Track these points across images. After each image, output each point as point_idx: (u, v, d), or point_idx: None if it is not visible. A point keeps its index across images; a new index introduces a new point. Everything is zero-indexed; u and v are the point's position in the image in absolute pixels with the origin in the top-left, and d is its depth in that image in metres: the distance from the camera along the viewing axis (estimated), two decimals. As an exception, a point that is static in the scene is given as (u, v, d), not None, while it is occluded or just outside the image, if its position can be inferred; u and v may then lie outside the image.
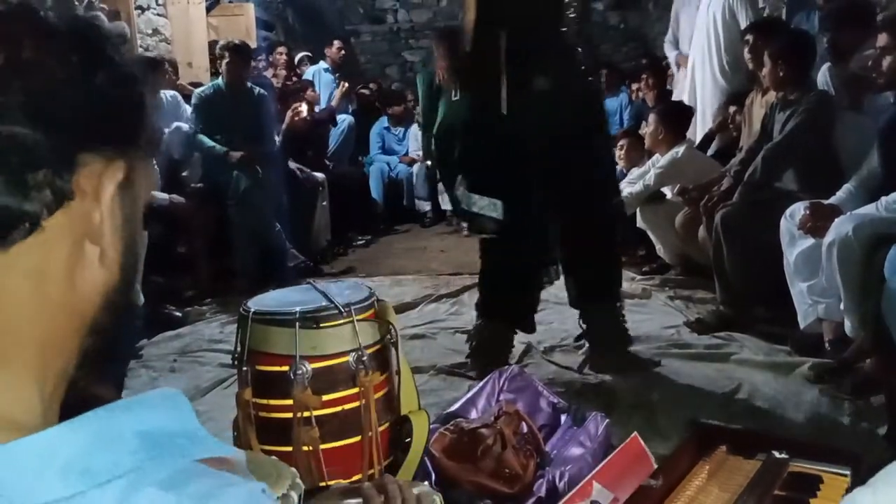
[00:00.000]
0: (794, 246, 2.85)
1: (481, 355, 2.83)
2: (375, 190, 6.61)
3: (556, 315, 3.58)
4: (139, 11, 5.61)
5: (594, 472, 1.33)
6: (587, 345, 2.94)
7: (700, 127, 4.60)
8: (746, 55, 3.81)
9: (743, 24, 4.30)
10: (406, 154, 6.89)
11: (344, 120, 6.44)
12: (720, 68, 4.53)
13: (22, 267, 0.45)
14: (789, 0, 4.64)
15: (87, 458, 0.40)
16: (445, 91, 3.69)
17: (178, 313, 3.81)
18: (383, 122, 7.03)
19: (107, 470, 0.40)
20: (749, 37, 3.78)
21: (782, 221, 2.90)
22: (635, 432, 1.48)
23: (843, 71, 3.43)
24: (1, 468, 0.39)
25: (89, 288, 0.48)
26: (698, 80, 4.68)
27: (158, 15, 5.93)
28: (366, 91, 7.26)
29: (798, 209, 2.84)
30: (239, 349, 1.72)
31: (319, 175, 5.33)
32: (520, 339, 3.26)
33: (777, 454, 1.44)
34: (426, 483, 1.58)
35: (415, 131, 6.82)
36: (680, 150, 4.10)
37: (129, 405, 0.44)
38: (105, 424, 0.42)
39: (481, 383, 2.23)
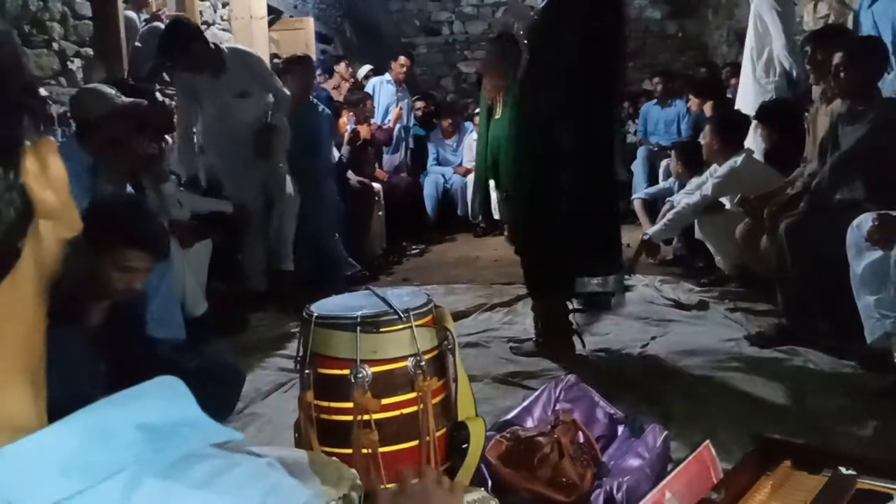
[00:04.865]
0: (861, 258, 2.76)
1: None
2: (430, 201, 6.66)
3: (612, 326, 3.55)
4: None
5: (666, 480, 1.31)
6: None
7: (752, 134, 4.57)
8: (807, 65, 3.75)
9: (773, 29, 4.42)
10: (460, 164, 6.93)
11: (399, 133, 6.53)
12: (756, 73, 4.60)
13: None
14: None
15: (84, 455, 0.39)
16: None
17: (240, 318, 3.91)
18: (437, 133, 7.09)
19: (106, 466, 0.39)
20: (810, 46, 3.70)
21: (849, 232, 2.81)
22: (707, 440, 1.45)
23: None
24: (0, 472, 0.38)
25: (50, 264, 0.45)
26: (741, 87, 4.80)
27: (223, 30, 6.13)
28: (423, 103, 7.34)
29: (866, 220, 2.75)
30: (301, 352, 1.77)
31: (376, 186, 5.41)
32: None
33: (844, 470, 1.41)
34: (482, 489, 1.59)
35: (469, 142, 6.86)
36: (738, 159, 4.04)
37: (125, 397, 0.42)
38: (101, 419, 0.41)
39: (537, 392, 2.23)
